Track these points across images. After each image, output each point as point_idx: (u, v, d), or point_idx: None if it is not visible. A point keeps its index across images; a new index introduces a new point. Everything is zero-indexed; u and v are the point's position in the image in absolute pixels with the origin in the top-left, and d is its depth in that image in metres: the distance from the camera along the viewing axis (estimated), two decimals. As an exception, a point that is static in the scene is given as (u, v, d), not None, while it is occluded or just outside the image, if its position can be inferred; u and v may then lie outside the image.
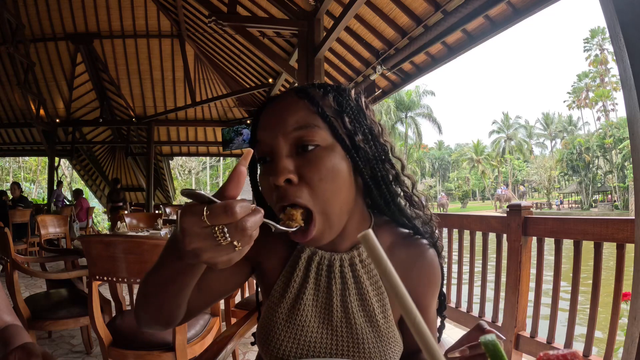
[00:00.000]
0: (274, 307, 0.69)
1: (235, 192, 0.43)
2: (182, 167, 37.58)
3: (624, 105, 1.49)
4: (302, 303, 0.68)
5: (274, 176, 0.58)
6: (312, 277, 0.69)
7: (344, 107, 0.64)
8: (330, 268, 0.69)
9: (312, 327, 0.68)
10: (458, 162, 55.40)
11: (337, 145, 0.61)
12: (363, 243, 0.30)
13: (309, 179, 0.58)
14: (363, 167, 0.63)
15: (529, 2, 3.21)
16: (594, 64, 38.29)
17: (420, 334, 0.29)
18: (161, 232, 3.00)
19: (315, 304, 0.69)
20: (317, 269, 0.69)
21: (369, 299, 0.68)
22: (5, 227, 2.53)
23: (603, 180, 35.24)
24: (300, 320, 0.68)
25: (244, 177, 0.43)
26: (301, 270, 0.70)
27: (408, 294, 0.30)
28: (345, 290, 0.68)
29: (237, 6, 5.02)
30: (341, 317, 0.68)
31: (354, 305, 0.68)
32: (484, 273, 2.63)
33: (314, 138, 0.59)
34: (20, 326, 0.83)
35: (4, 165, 32.48)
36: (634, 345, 1.43)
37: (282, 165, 0.58)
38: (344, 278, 0.68)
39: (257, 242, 0.67)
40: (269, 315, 0.70)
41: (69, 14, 8.32)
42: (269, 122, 0.62)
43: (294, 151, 0.60)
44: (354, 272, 0.69)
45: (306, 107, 0.61)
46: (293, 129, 0.59)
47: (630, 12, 1.44)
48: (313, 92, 0.63)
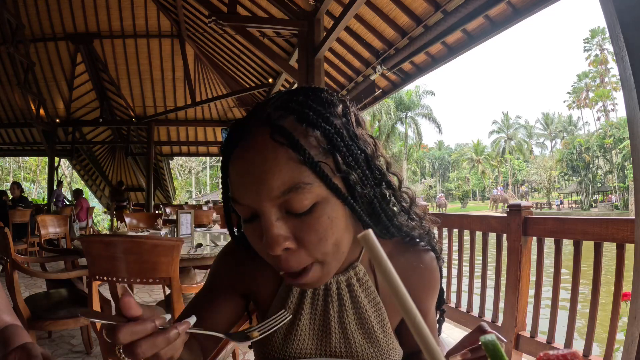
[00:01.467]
0: (269, 335, 0.64)
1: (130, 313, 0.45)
2: (182, 167, 37.59)
3: (624, 105, 1.49)
4: (298, 330, 0.66)
5: (269, 247, 0.50)
6: (308, 303, 0.66)
7: (335, 142, 0.52)
8: (327, 292, 0.66)
9: (309, 353, 0.66)
10: (458, 162, 55.39)
11: (332, 194, 0.52)
12: (363, 243, 0.30)
13: (307, 243, 0.52)
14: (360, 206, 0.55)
15: (529, 2, 3.21)
16: (594, 64, 38.27)
17: (420, 334, 0.29)
18: (161, 232, 2.99)
19: (312, 328, 0.67)
20: (312, 294, 0.66)
21: (368, 317, 0.66)
22: (5, 227, 2.52)
23: (603, 180, 35.24)
24: (296, 347, 0.66)
25: (133, 304, 0.44)
26: (295, 297, 0.66)
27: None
28: (343, 312, 0.66)
29: (237, 6, 5.02)
30: (340, 339, 0.66)
31: (352, 325, 0.66)
32: (484, 273, 2.63)
33: (306, 199, 0.50)
34: (20, 326, 0.83)
35: (4, 165, 32.48)
36: (634, 345, 1.43)
37: (276, 234, 0.50)
38: (341, 300, 0.66)
39: (245, 274, 0.70)
40: (264, 343, 0.68)
41: (69, 14, 8.32)
42: (247, 183, 0.51)
43: (284, 212, 0.51)
44: (352, 293, 0.66)
45: (289, 157, 0.49)
46: (280, 193, 0.49)
47: (630, 12, 1.44)
48: (294, 131, 0.50)
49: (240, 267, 0.69)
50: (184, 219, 2.75)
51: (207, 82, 9.96)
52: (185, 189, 37.46)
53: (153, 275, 1.56)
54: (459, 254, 2.89)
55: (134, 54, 9.25)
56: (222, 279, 0.71)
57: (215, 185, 40.86)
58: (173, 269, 1.57)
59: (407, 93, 41.26)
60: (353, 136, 0.55)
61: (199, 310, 0.68)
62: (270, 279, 0.69)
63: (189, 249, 2.12)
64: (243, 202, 0.52)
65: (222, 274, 0.71)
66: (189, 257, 1.97)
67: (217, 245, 2.36)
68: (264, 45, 5.09)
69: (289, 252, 0.52)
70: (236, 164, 0.53)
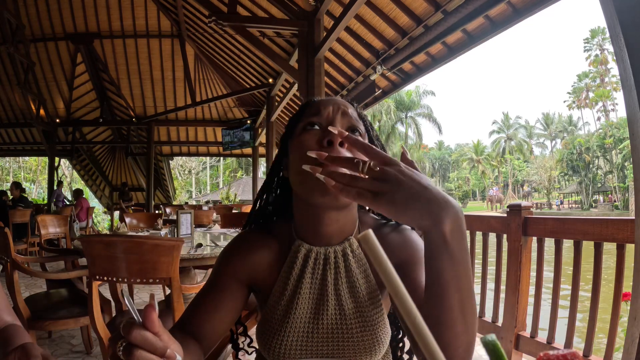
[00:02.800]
0: (274, 304, 0.74)
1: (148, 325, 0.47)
2: (182, 167, 37.58)
3: (624, 105, 1.49)
4: (299, 297, 0.73)
5: (332, 134, 0.65)
6: (309, 272, 0.74)
7: (370, 133, 0.79)
8: (326, 261, 0.74)
9: (307, 317, 0.73)
10: (458, 162, 55.41)
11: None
12: (363, 243, 0.30)
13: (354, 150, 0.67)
14: None
15: (529, 2, 3.21)
16: (594, 64, 38.30)
17: (420, 334, 0.29)
18: (161, 232, 2.99)
19: (311, 295, 0.74)
20: (313, 264, 0.74)
21: (358, 287, 0.74)
22: (5, 227, 2.53)
23: (603, 180, 35.25)
24: (296, 313, 0.73)
25: (155, 320, 0.47)
26: (298, 267, 0.74)
27: (410, 281, 0.30)
28: (338, 279, 0.74)
29: (237, 6, 5.02)
30: (334, 305, 0.73)
31: (344, 292, 0.73)
32: (484, 273, 2.63)
33: (361, 129, 0.74)
34: (20, 326, 0.83)
35: (4, 165, 32.49)
36: (634, 345, 1.43)
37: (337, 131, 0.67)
38: (337, 268, 0.74)
39: (251, 263, 0.77)
40: (269, 312, 0.74)
41: (69, 14, 8.32)
42: (331, 104, 0.73)
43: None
44: (346, 262, 0.74)
45: (356, 113, 0.75)
46: (351, 116, 0.73)
47: (630, 12, 1.44)
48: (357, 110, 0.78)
49: (247, 258, 0.77)
50: (184, 219, 2.75)
51: (207, 82, 9.96)
52: (185, 189, 37.45)
53: (153, 275, 1.56)
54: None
55: (134, 54, 9.25)
56: (228, 272, 0.76)
57: (215, 185, 40.86)
58: (173, 269, 1.57)
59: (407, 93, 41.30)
60: (377, 139, 0.81)
61: (204, 306, 0.74)
62: (271, 258, 0.77)
63: (189, 249, 2.12)
64: (323, 112, 0.72)
65: (228, 268, 0.77)
66: (189, 257, 1.97)
67: (217, 245, 2.36)
68: (264, 45, 5.09)
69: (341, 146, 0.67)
70: (320, 101, 0.75)
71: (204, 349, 0.72)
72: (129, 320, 0.46)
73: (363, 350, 0.72)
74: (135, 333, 0.44)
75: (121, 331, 0.45)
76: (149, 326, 0.46)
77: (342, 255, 0.75)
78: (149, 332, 0.46)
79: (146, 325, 0.46)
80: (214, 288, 0.76)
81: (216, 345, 1.01)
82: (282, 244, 0.77)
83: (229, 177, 39.85)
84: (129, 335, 0.44)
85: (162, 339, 0.47)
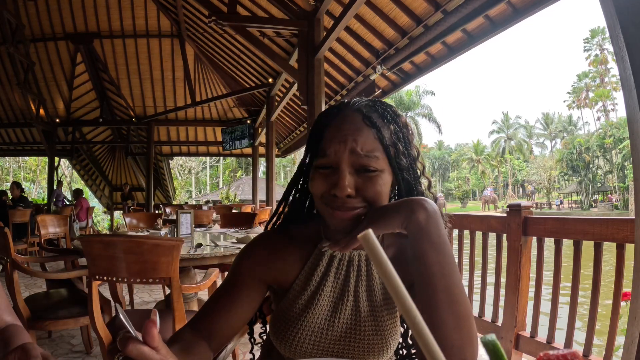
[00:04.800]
0: (294, 298, 0.77)
1: (148, 340, 0.48)
2: (182, 167, 37.54)
3: (624, 105, 1.49)
4: (321, 294, 0.76)
5: (339, 189, 0.67)
6: (333, 272, 0.77)
7: (400, 139, 0.73)
8: (350, 263, 0.78)
9: (325, 314, 0.75)
10: (458, 162, 55.36)
11: (389, 169, 0.71)
12: (363, 243, 0.30)
13: (364, 195, 0.69)
14: (402, 186, 0.74)
15: (529, 2, 3.21)
16: (594, 64, 38.25)
17: (420, 334, 0.29)
18: (161, 232, 2.99)
19: (332, 294, 0.77)
20: (338, 264, 0.78)
21: (376, 292, 0.77)
22: (5, 227, 2.52)
23: (603, 180, 35.23)
24: (316, 309, 0.75)
25: (155, 336, 0.48)
26: (323, 266, 0.77)
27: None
28: (359, 282, 0.77)
29: (237, 6, 5.02)
30: (351, 306, 0.76)
31: (363, 295, 0.76)
32: (484, 273, 2.63)
33: (376, 166, 0.69)
34: (20, 326, 0.83)
35: (4, 165, 32.46)
36: (634, 345, 1.43)
37: (348, 182, 0.68)
38: (359, 271, 0.77)
39: (273, 262, 0.79)
40: (288, 305, 0.77)
41: (69, 14, 8.31)
42: (340, 141, 0.69)
43: (354, 170, 0.69)
44: (368, 267, 0.78)
45: (372, 135, 0.70)
46: (361, 154, 0.68)
47: (630, 12, 1.44)
48: (378, 122, 0.71)
49: (269, 256, 0.79)
50: (184, 218, 2.75)
51: (207, 82, 9.95)
52: (185, 188, 37.41)
53: (153, 275, 1.56)
54: (459, 254, 2.88)
55: (134, 54, 9.24)
56: (248, 271, 0.79)
57: (215, 185, 40.84)
58: (173, 268, 1.57)
59: (407, 93, 41.28)
60: (410, 142, 0.76)
61: (221, 303, 0.76)
62: (295, 257, 0.80)
63: (189, 249, 2.12)
64: (330, 153, 0.69)
65: (248, 266, 0.79)
66: (189, 257, 1.97)
67: (217, 245, 2.35)
68: (264, 45, 5.09)
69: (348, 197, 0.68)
70: (332, 128, 0.71)
71: (214, 348, 0.74)
72: (125, 334, 0.47)
73: (372, 353, 0.75)
74: (132, 347, 0.46)
75: (118, 345, 0.46)
76: (148, 341, 0.47)
77: (366, 260, 0.78)
78: (146, 346, 0.47)
79: (146, 339, 0.47)
80: (233, 286, 0.78)
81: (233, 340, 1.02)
82: (305, 242, 0.79)
83: (228, 177, 39.84)
84: (125, 349, 0.45)
85: (160, 352, 0.48)
